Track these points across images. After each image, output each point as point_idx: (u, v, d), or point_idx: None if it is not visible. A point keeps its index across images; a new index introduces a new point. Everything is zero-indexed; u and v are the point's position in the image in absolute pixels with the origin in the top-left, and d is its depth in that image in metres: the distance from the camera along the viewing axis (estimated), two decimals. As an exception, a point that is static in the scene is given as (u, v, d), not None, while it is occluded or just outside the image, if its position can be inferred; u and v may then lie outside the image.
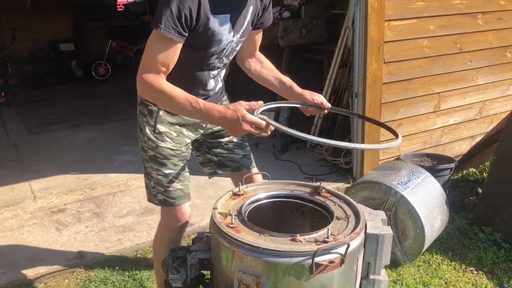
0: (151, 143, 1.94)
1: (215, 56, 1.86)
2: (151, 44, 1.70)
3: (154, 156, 1.95)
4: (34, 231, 3.18)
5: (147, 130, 1.93)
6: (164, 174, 1.97)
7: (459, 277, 2.58)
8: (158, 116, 1.92)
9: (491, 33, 3.80)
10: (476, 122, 4.06)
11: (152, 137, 1.93)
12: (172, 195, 2.00)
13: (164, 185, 1.98)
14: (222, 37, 1.78)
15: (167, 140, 1.95)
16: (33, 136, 5.35)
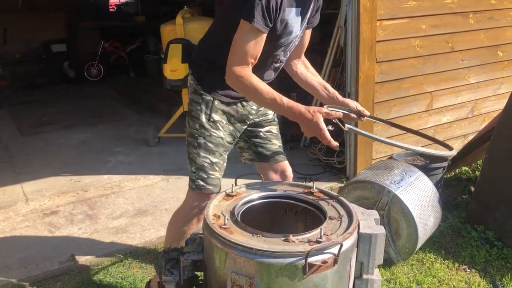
0: (205, 131, 2.04)
1: (282, 48, 1.96)
2: (241, 36, 1.79)
3: (204, 143, 2.05)
4: (26, 233, 3.16)
5: (203, 118, 2.03)
6: (210, 162, 2.07)
7: (452, 276, 2.59)
8: (213, 105, 2.02)
9: (482, 32, 3.83)
10: (468, 121, 4.08)
11: (207, 125, 2.03)
12: (211, 183, 2.08)
13: (208, 172, 2.07)
14: (293, 29, 1.90)
15: (220, 128, 2.05)
16: (25, 138, 5.32)
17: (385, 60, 3.42)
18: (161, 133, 4.85)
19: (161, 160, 4.46)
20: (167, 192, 3.75)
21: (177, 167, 4.26)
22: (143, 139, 5.02)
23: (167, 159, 4.49)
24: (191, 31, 4.53)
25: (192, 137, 2.08)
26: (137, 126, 5.58)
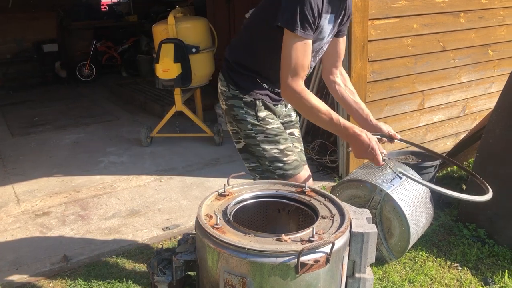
0: (260, 128, 2.07)
1: (313, 54, 1.95)
2: (292, 48, 1.79)
3: (265, 138, 2.08)
4: (17, 235, 3.14)
5: (250, 119, 2.06)
6: (279, 150, 2.09)
7: (444, 273, 2.61)
8: (257, 105, 2.05)
9: (473, 32, 3.85)
10: (460, 120, 4.10)
11: (258, 123, 2.06)
12: (290, 167, 2.10)
13: (282, 159, 2.09)
14: (325, 34, 1.93)
15: (271, 121, 2.08)
16: (16, 138, 5.28)
17: (377, 59, 3.43)
18: (154, 133, 4.83)
19: (153, 160, 4.45)
20: (159, 192, 3.74)
21: (169, 167, 4.26)
22: (135, 139, 5.01)
23: (159, 159, 4.48)
24: (183, 30, 4.52)
25: (250, 137, 2.10)
26: (130, 126, 5.57)
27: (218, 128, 4.73)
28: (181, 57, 4.45)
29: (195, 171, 4.13)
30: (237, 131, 2.15)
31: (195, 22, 4.75)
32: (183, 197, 3.64)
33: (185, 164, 4.32)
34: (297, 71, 1.82)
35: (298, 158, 2.15)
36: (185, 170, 4.17)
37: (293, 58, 1.80)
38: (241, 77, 2.07)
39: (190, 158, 4.46)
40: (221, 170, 4.09)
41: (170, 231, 3.13)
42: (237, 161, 4.32)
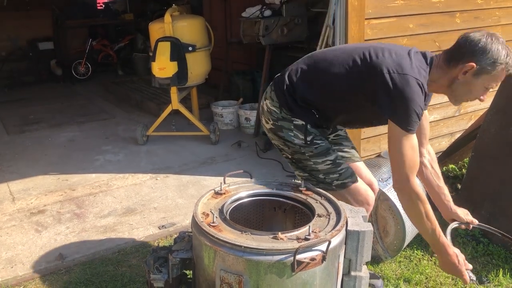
0: (308, 148, 2.08)
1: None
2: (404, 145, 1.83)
3: (316, 153, 2.09)
4: (12, 233, 3.12)
5: (298, 141, 2.08)
6: (331, 161, 2.10)
7: (439, 272, 2.62)
8: (307, 129, 2.06)
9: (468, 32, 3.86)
10: (455, 119, 4.12)
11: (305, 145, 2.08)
12: (346, 176, 2.12)
13: (336, 170, 2.11)
14: None
15: (318, 141, 2.09)
16: (11, 137, 5.26)
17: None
18: (150, 131, 4.82)
19: (149, 159, 4.44)
20: (155, 191, 3.73)
21: (165, 165, 4.25)
22: (131, 137, 5.00)
23: (155, 157, 4.48)
24: (180, 29, 4.52)
25: (299, 153, 2.11)
26: (126, 125, 5.55)
27: (214, 127, 4.73)
28: (178, 55, 4.45)
29: (191, 170, 4.13)
30: (283, 149, 2.17)
31: (191, 20, 4.74)
32: (179, 196, 3.63)
33: (181, 162, 4.31)
34: (413, 169, 1.85)
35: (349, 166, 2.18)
36: (181, 169, 4.17)
37: (407, 156, 1.83)
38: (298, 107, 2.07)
39: (186, 156, 4.46)
40: (217, 169, 4.09)
41: (166, 229, 3.12)
42: (234, 159, 4.33)
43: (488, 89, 1.88)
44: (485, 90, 1.87)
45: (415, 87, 1.78)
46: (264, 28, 4.70)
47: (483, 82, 1.84)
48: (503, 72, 1.81)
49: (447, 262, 1.95)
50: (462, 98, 1.95)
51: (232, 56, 6.18)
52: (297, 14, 4.86)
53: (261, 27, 4.70)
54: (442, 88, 1.94)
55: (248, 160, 4.28)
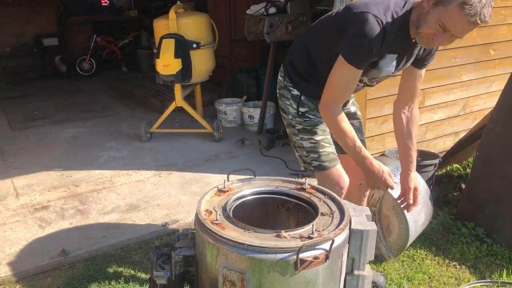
0: (299, 119, 2.17)
1: (368, 78, 2.06)
2: (339, 74, 1.87)
3: (303, 128, 2.17)
4: (16, 228, 3.13)
5: (292, 111, 2.18)
6: (316, 141, 2.17)
7: (443, 272, 2.61)
8: (301, 101, 2.15)
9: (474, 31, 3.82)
10: (460, 119, 4.10)
11: (298, 116, 2.17)
12: (326, 159, 2.18)
13: (318, 151, 2.17)
14: (382, 69, 1.96)
15: (310, 116, 2.16)
16: (16, 132, 5.27)
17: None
18: (153, 128, 4.83)
19: (153, 156, 4.44)
20: (159, 188, 3.74)
21: (169, 162, 4.25)
22: (135, 134, 5.00)
23: (159, 154, 4.48)
24: (184, 26, 4.51)
25: (291, 126, 2.22)
26: (129, 121, 5.56)
27: (218, 124, 4.73)
28: (182, 52, 4.44)
29: (194, 167, 4.13)
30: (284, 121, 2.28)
31: (196, 17, 4.73)
32: (182, 193, 3.64)
33: (184, 159, 4.31)
34: (340, 97, 1.93)
35: (334, 152, 2.20)
36: (184, 166, 4.17)
37: (340, 84, 1.89)
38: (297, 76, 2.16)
39: (189, 153, 4.46)
40: (221, 166, 4.09)
41: (169, 226, 3.13)
42: (237, 157, 4.33)
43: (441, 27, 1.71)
44: (437, 26, 1.71)
45: (371, 24, 1.74)
46: (268, 25, 4.69)
47: (437, 15, 1.70)
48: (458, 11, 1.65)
49: (371, 176, 1.98)
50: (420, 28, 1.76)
51: (236, 54, 6.17)
52: (302, 12, 4.85)
53: (266, 24, 4.69)
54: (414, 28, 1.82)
55: (251, 158, 4.28)
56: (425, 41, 1.81)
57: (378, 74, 2.02)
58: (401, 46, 1.89)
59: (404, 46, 1.90)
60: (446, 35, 1.75)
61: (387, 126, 3.62)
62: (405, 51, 1.94)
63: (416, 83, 2.14)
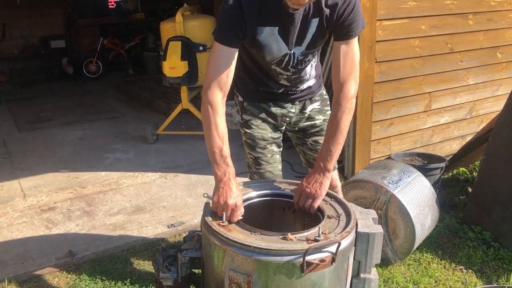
0: (241, 130, 2.17)
1: (274, 65, 1.93)
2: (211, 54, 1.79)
3: (245, 140, 2.17)
4: (23, 229, 3.15)
5: (238, 119, 2.18)
6: (254, 157, 2.16)
7: (449, 276, 2.60)
8: (243, 107, 2.13)
9: (481, 34, 3.83)
10: (467, 122, 4.08)
11: (242, 124, 2.15)
12: (263, 176, 2.14)
13: (255, 166, 2.17)
14: (270, 48, 1.84)
15: (253, 127, 2.12)
16: (23, 134, 5.31)
17: (384, 60, 3.42)
18: (160, 130, 4.84)
19: (159, 158, 4.46)
20: (164, 190, 3.75)
21: (175, 164, 4.27)
22: (141, 136, 5.02)
23: (165, 156, 4.49)
24: (191, 28, 4.53)
25: (242, 134, 2.21)
26: (136, 123, 5.58)
27: (224, 127, 4.73)
28: (188, 55, 4.46)
29: (200, 169, 4.14)
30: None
31: (202, 20, 4.75)
32: (188, 195, 3.64)
33: (190, 161, 4.32)
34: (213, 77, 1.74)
35: (272, 171, 2.13)
36: (190, 168, 4.18)
37: (211, 63, 1.76)
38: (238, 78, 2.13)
39: (195, 155, 4.47)
40: (226, 169, 4.08)
41: (175, 228, 3.13)
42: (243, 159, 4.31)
43: None
44: None
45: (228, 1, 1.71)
46: (274, 28, 4.69)
47: None
48: None
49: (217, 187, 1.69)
50: None
51: (242, 56, 6.17)
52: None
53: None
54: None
55: (257, 160, 4.28)
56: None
57: (273, 55, 1.85)
58: (273, 15, 1.74)
59: (278, 14, 1.74)
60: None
61: (393, 129, 3.61)
62: (283, 21, 1.76)
63: (340, 59, 1.81)
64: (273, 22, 1.77)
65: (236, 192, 1.65)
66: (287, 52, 1.87)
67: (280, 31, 1.80)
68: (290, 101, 2.12)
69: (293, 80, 2.04)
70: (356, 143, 3.53)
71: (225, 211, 1.59)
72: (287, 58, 1.90)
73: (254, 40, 1.80)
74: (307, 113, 2.18)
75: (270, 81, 2.04)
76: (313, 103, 2.18)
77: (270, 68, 1.96)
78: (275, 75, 2.01)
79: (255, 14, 1.73)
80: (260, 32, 1.78)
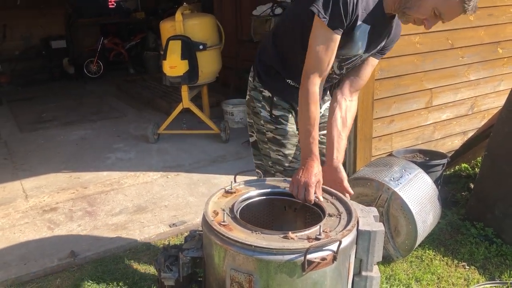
0: (270, 126, 2.06)
1: (337, 60, 1.90)
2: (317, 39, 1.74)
3: (273, 137, 2.07)
4: (25, 230, 3.16)
5: (265, 114, 2.06)
6: (284, 154, 2.08)
7: (451, 272, 2.59)
8: (273, 102, 2.04)
9: (482, 29, 3.81)
10: (468, 118, 4.07)
11: (270, 121, 2.06)
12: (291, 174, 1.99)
13: (284, 165, 2.08)
14: (357, 45, 1.84)
15: (284, 122, 2.05)
16: (24, 134, 5.31)
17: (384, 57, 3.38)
18: (161, 129, 4.84)
19: (160, 157, 4.46)
20: (166, 189, 3.75)
21: (176, 163, 4.27)
22: (142, 135, 5.02)
23: (166, 156, 4.49)
24: (191, 27, 4.52)
25: (260, 133, 2.12)
26: (137, 123, 5.58)
27: (225, 125, 4.73)
28: (188, 54, 4.45)
29: (201, 168, 4.14)
30: (252, 124, 2.16)
31: (202, 19, 4.75)
32: (190, 194, 3.64)
33: (192, 160, 4.32)
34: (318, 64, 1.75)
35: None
36: (192, 167, 4.18)
37: (313, 52, 1.75)
38: (265, 69, 2.06)
39: (197, 155, 4.47)
40: (228, 167, 4.09)
41: (177, 227, 3.14)
42: (244, 158, 4.33)
43: (436, 15, 1.68)
44: (432, 13, 1.68)
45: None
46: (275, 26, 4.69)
47: (435, 3, 1.66)
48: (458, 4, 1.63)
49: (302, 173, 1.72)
50: (410, 10, 1.72)
51: (243, 55, 6.18)
52: (308, 12, 4.84)
53: (272, 25, 4.69)
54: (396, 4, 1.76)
55: (258, 159, 4.27)
56: (411, 22, 1.77)
57: (349, 52, 1.88)
58: (375, 17, 1.78)
59: (378, 18, 1.80)
60: (436, 21, 1.73)
61: (394, 126, 3.60)
62: (377, 26, 1.82)
63: (367, 72, 2.02)
64: (372, 22, 1.80)
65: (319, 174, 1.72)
66: (360, 53, 1.90)
67: (371, 31, 1.82)
68: None
69: (329, 79, 2.01)
70: (358, 141, 3.52)
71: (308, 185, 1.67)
72: (355, 58, 1.92)
73: (350, 33, 1.79)
74: (322, 112, 2.17)
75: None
76: (325, 102, 2.21)
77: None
78: None
79: (365, 6, 1.74)
80: (359, 27, 1.78)
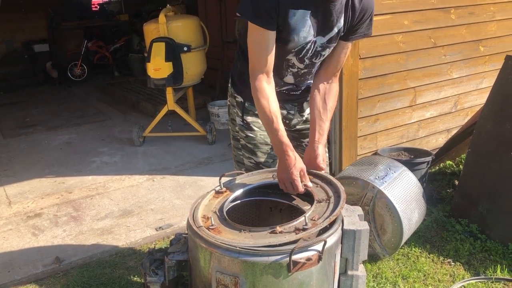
0: (242, 133, 2.08)
1: (293, 53, 1.87)
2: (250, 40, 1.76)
3: (245, 145, 2.08)
4: (9, 237, 3.11)
5: (238, 120, 2.08)
6: (255, 162, 2.08)
7: (437, 269, 2.62)
8: (245, 107, 2.05)
9: (464, 28, 3.86)
10: (452, 116, 4.11)
11: (242, 127, 2.07)
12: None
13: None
14: (301, 33, 1.79)
15: (255, 129, 2.05)
16: (7, 140, 5.24)
17: (368, 56, 3.42)
18: (146, 132, 4.81)
19: (146, 160, 4.43)
20: (152, 192, 3.72)
21: (162, 166, 4.24)
22: (128, 139, 4.98)
23: (152, 158, 4.46)
24: (174, 29, 4.50)
25: (235, 139, 2.13)
26: (122, 126, 5.54)
27: (211, 127, 4.72)
28: (173, 56, 4.43)
29: (188, 170, 4.12)
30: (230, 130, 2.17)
31: (186, 20, 4.73)
32: (176, 197, 3.62)
33: (178, 163, 4.30)
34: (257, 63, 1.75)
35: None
36: (178, 170, 4.16)
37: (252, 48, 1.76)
38: (238, 74, 2.08)
39: (183, 157, 4.45)
40: (214, 169, 4.08)
41: (163, 231, 3.12)
42: (231, 159, 4.30)
43: None
44: None
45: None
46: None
47: None
48: None
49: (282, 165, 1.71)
50: None
51: (228, 56, 6.17)
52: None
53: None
54: None
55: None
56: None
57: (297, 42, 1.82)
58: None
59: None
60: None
61: (379, 125, 3.62)
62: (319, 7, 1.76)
63: (340, 56, 1.95)
64: (307, 4, 1.74)
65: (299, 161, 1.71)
66: (312, 39, 1.84)
67: (313, 15, 1.77)
68: (290, 101, 2.09)
69: (300, 76, 1.98)
70: (343, 140, 3.54)
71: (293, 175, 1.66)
72: (308, 46, 1.85)
73: (285, 23, 1.75)
74: (305, 116, 2.16)
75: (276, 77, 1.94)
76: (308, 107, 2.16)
77: (285, 58, 1.89)
78: (285, 68, 1.94)
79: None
80: (292, 15, 1.74)
